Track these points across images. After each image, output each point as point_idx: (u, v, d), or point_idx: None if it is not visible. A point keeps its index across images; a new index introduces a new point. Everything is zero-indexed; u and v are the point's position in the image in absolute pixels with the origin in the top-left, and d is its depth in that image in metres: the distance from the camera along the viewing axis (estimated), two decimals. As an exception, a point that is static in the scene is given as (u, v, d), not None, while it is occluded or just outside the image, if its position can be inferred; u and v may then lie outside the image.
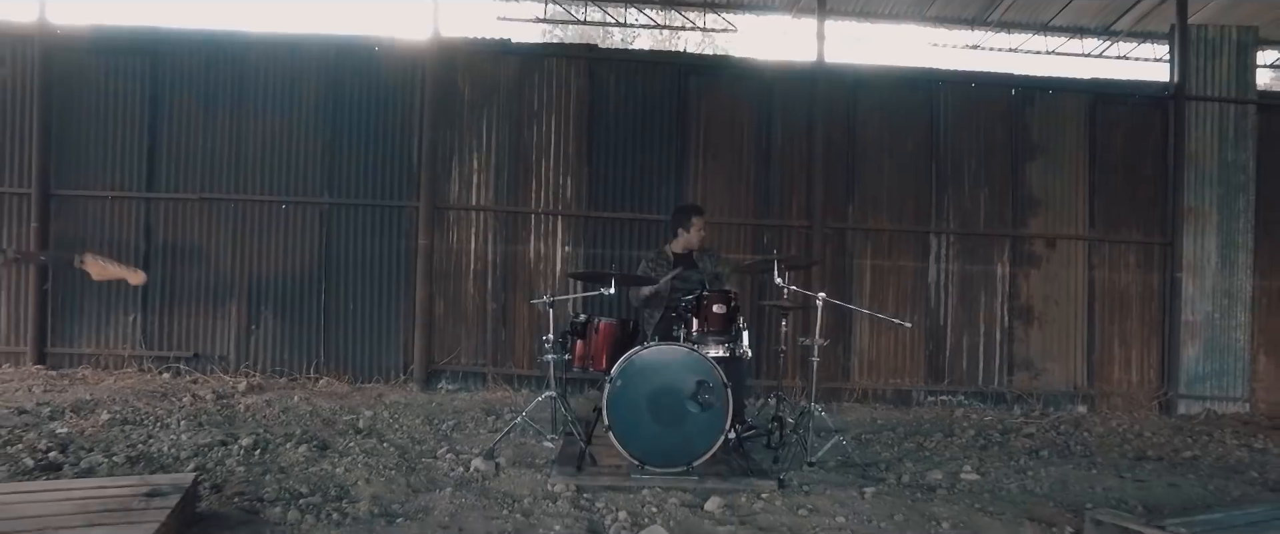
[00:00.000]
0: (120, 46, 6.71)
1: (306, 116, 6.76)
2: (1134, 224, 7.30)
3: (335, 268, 6.74)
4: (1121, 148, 7.32)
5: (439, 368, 6.70)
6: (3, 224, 6.61)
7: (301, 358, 6.70)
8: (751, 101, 7.04)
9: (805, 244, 6.89)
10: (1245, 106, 7.30)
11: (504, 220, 6.83)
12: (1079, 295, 7.26)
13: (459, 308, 6.79)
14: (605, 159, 6.90)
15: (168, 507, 2.49)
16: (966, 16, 8.38)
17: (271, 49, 6.78)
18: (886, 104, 7.14)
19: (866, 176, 7.10)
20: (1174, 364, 7.19)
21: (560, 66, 6.95)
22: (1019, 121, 7.26)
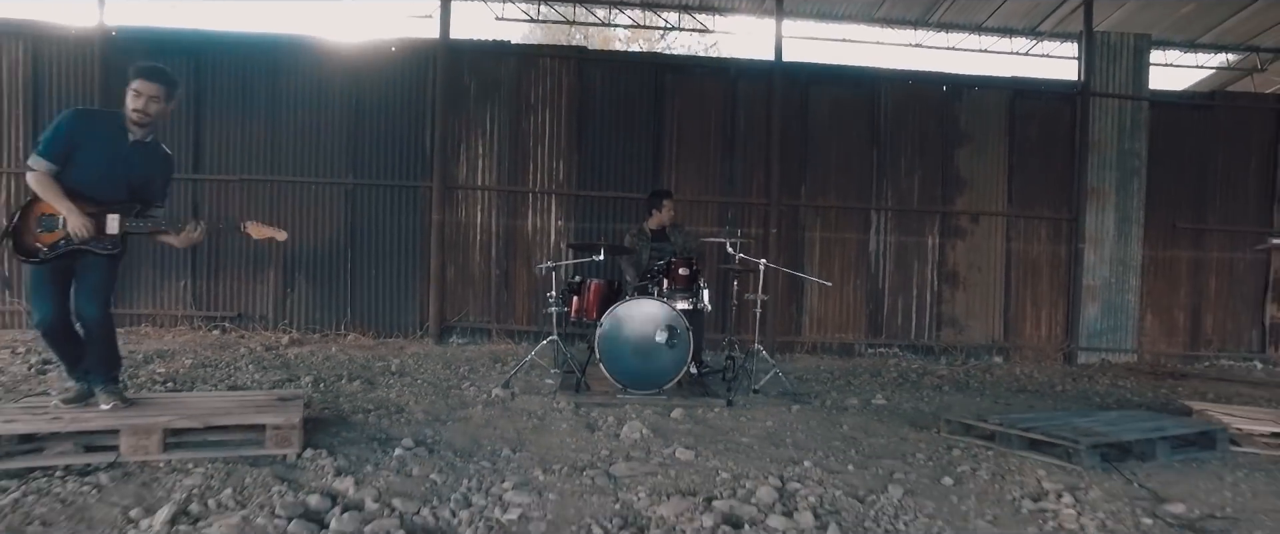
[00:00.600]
0: (167, 47, 7.66)
1: (332, 108, 7.78)
2: (1045, 202, 8.53)
3: (359, 239, 7.83)
4: (1036, 137, 8.51)
5: (450, 324, 7.84)
6: (68, 201, 7.62)
7: (331, 317, 7.80)
8: (718, 95, 8.16)
9: (763, 219, 8.06)
10: (1140, 102, 8.50)
11: (505, 198, 7.93)
12: (997, 263, 8.49)
13: (467, 273, 7.91)
14: (592, 145, 8.01)
15: (299, 403, 3.63)
16: (910, 18, 9.51)
17: (300, 50, 7.79)
18: (835, 98, 8.28)
19: (817, 161, 8.25)
20: (1076, 321, 8.47)
21: (554, 65, 8.02)
22: (949, 113, 8.42)
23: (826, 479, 3.28)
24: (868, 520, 2.78)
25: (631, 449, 3.69)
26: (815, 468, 3.45)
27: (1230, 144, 8.68)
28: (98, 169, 3.34)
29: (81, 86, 7.55)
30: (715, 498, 2.93)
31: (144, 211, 3.52)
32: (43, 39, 7.51)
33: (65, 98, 7.52)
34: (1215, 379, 7.49)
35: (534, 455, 3.51)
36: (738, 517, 2.73)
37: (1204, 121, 8.69)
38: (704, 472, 3.32)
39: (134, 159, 3.44)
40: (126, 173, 3.42)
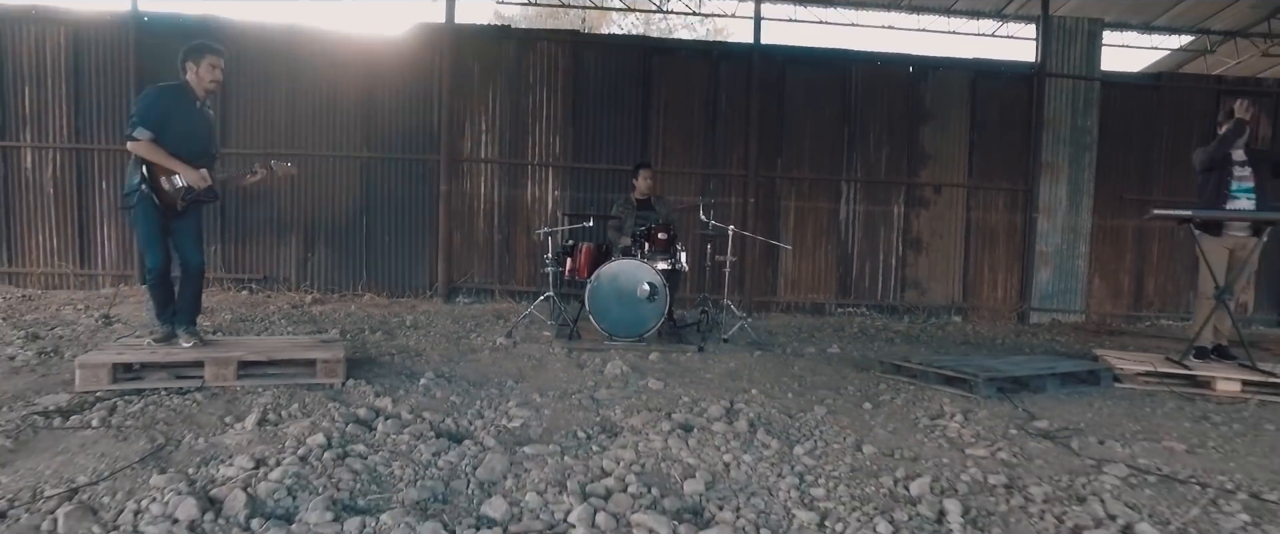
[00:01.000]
0: (194, 32, 8.31)
1: (347, 89, 8.49)
2: (1003, 175, 9.27)
3: (374, 207, 8.59)
4: (996, 114, 9.23)
5: (457, 285, 8.64)
6: (107, 174, 8.36)
7: (348, 278, 8.59)
8: (702, 75, 8.86)
9: (743, 189, 8.81)
10: (1092, 82, 9.21)
11: (507, 170, 8.68)
12: (958, 230, 9.27)
13: (472, 239, 8.69)
14: (586, 121, 8.74)
15: (340, 344, 4.43)
16: (882, 1, 10.17)
17: (317, 37, 8.47)
18: (809, 78, 8.98)
19: (792, 136, 8.97)
20: (1030, 284, 9.27)
21: (551, 48, 8.72)
22: (915, 92, 9.14)
23: (767, 402, 4.09)
24: (791, 429, 3.59)
25: (612, 381, 4.50)
26: (760, 395, 4.26)
27: (1174, 121, 9.40)
28: (184, 133, 4.11)
29: (118, 67, 8.24)
30: (674, 413, 3.74)
31: (212, 165, 4.32)
32: (82, 24, 8.19)
33: (103, 78, 8.23)
34: (1150, 336, 8.30)
35: (532, 385, 4.31)
36: (690, 424, 3.54)
37: (1150, 100, 9.41)
38: (669, 397, 4.13)
39: (204, 121, 4.23)
40: (203, 133, 4.21)
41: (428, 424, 3.37)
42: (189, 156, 4.11)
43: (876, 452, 3.24)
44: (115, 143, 8.27)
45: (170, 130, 4.07)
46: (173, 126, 4.08)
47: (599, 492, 2.62)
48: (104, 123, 8.27)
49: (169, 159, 4.04)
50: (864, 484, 2.81)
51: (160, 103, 4.09)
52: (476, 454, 2.97)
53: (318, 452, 2.87)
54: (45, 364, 4.41)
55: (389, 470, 2.75)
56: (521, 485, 2.69)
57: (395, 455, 2.91)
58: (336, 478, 2.62)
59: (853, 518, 2.48)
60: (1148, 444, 3.55)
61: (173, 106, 4.12)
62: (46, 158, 8.24)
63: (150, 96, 4.13)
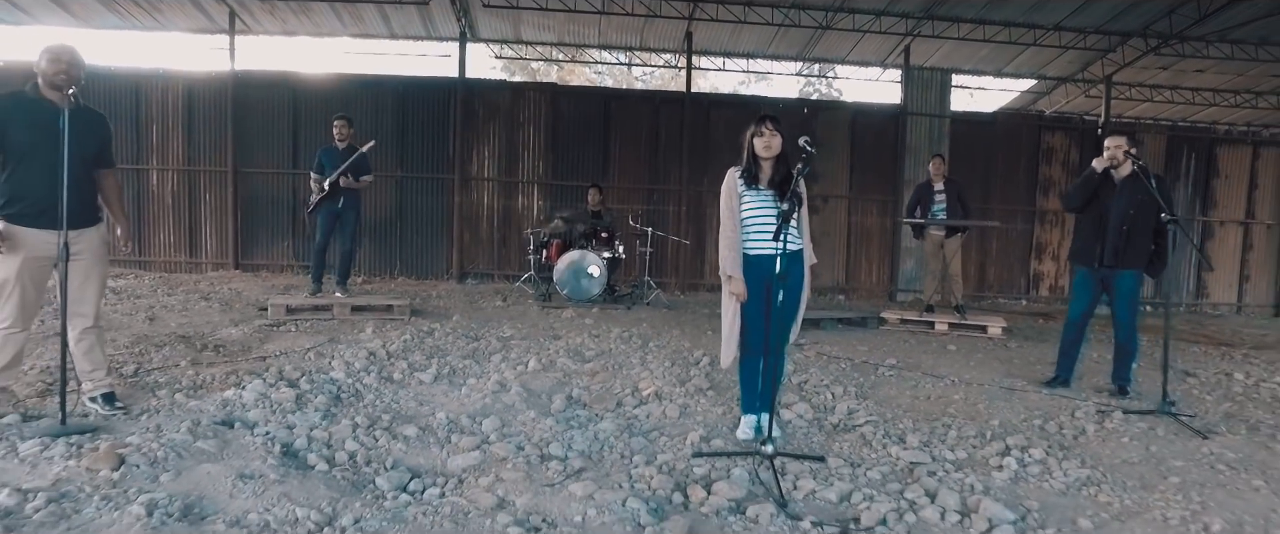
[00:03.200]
0: (274, 84, 11.41)
1: (386, 123, 11.53)
2: (875, 189, 12.33)
3: (405, 214, 11.64)
4: (870, 142, 12.29)
5: (467, 271, 11.70)
6: (210, 189, 11.42)
7: (386, 266, 11.64)
8: (647, 115, 11.92)
9: (677, 200, 11.87)
10: (944, 119, 12.27)
11: (503, 186, 11.74)
12: (842, 230, 12.33)
13: (478, 236, 11.75)
14: (562, 150, 11.79)
15: (405, 301, 7.50)
16: (791, 54, 13.23)
17: (364, 83, 11.53)
18: (728, 116, 12.03)
19: (715, 161, 12.01)
20: (896, 272, 12.33)
21: (536, 95, 11.79)
22: (809, 127, 12.12)
23: (650, 332, 7.15)
24: (652, 339, 6.64)
25: (567, 323, 7.56)
26: (648, 327, 7.33)
27: (1007, 149, 12.47)
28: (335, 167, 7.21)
29: (218, 113, 11.28)
30: (594, 332, 6.81)
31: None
32: (195, 80, 11.25)
33: (208, 119, 11.27)
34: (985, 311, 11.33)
35: (518, 322, 7.38)
36: (604, 338, 6.59)
37: (989, 133, 12.48)
38: (598, 329, 7.18)
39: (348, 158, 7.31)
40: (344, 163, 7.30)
41: (460, 334, 6.43)
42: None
43: (693, 346, 6.30)
44: (217, 164, 11.31)
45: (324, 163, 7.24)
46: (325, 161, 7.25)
47: (546, 357, 5.69)
48: (208, 152, 11.31)
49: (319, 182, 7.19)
50: (681, 360, 5.86)
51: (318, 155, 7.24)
52: (486, 345, 6.04)
53: (406, 341, 5.94)
54: (229, 308, 7.47)
55: (443, 349, 5.82)
56: (507, 356, 5.74)
57: (445, 345, 5.98)
58: (419, 349, 5.69)
59: (669, 375, 5.53)
60: (875, 351, 6.63)
61: (327, 154, 7.26)
62: (167, 178, 11.29)
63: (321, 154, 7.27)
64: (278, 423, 3.79)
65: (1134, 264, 4.83)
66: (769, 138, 3.83)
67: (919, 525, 2.88)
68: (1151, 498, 3.17)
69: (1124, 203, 4.75)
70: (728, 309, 3.82)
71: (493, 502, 2.92)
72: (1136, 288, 4.91)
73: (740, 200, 3.82)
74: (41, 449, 3.20)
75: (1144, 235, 4.78)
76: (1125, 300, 4.87)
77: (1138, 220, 4.74)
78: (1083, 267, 5.04)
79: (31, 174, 3.56)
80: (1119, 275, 4.84)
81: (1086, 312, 5.10)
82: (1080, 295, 5.08)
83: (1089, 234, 4.93)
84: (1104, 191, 4.86)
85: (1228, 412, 4.78)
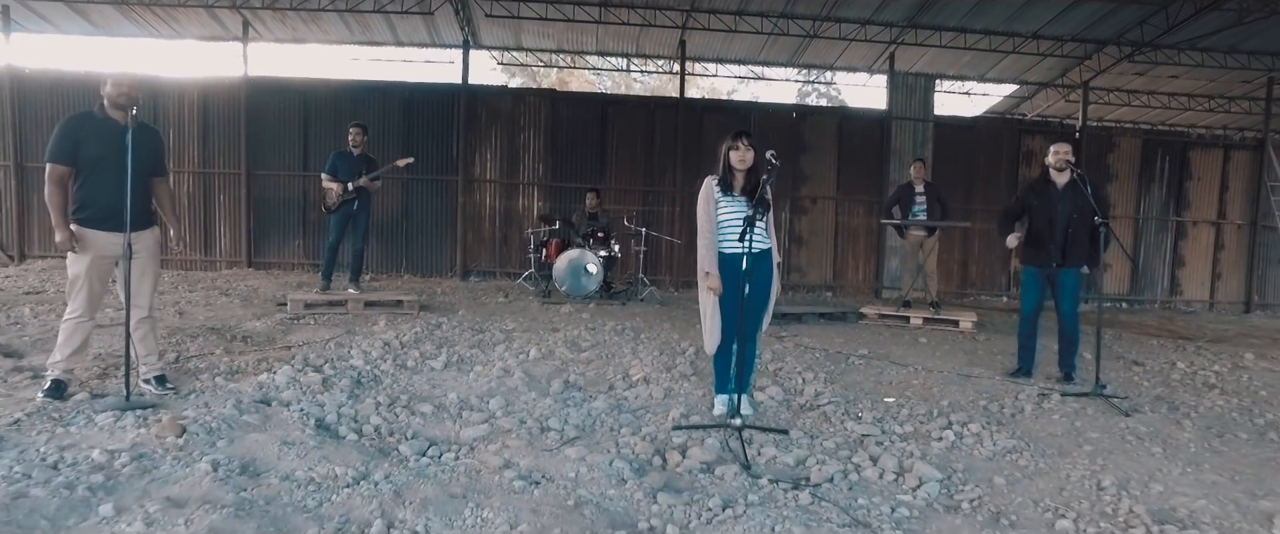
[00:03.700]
0: (285, 89, 11.94)
1: (393, 127, 12.06)
2: (861, 189, 12.86)
3: (412, 213, 12.17)
4: (856, 146, 12.82)
5: (470, 269, 12.23)
6: (224, 191, 11.95)
7: (393, 264, 12.18)
8: (642, 120, 12.45)
9: (671, 201, 12.41)
10: (927, 123, 12.80)
11: (504, 188, 12.27)
12: (829, 230, 12.86)
13: (480, 235, 12.28)
14: (561, 153, 12.32)
15: (415, 297, 8.04)
16: (782, 60, 13.76)
17: (372, 88, 12.06)
18: (720, 121, 12.55)
19: (707, 162, 12.51)
20: (882, 270, 12.86)
21: (536, 101, 12.32)
22: (797, 131, 12.72)
23: (642, 325, 7.68)
24: (644, 332, 7.17)
25: (565, 317, 8.09)
26: (640, 321, 7.86)
27: (988, 152, 13.00)
28: (347, 172, 7.72)
29: (231, 118, 11.81)
30: (590, 325, 7.34)
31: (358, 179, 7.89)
32: (208, 86, 11.77)
33: (223, 124, 11.79)
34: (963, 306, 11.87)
35: (520, 318, 7.91)
36: (599, 330, 7.12)
37: (970, 136, 13.02)
38: (594, 323, 7.71)
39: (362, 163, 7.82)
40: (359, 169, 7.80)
41: (466, 327, 6.97)
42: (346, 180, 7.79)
43: (681, 338, 6.83)
44: (230, 166, 11.84)
45: (338, 168, 7.74)
46: (340, 166, 7.75)
47: (545, 347, 6.22)
48: (222, 155, 11.84)
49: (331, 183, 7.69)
50: (669, 350, 6.39)
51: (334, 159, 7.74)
52: (490, 336, 6.58)
53: (417, 333, 6.47)
54: (249, 304, 8.00)
55: (451, 340, 6.36)
56: (510, 346, 6.27)
57: (453, 337, 6.52)
58: (429, 340, 6.23)
59: (657, 362, 6.07)
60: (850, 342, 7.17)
61: (340, 157, 7.78)
62: (183, 180, 11.81)
63: (333, 158, 7.77)
64: (309, 402, 4.32)
65: (1076, 262, 5.37)
66: (744, 152, 4.36)
67: (860, 483, 3.42)
68: (1062, 462, 3.71)
69: (1067, 208, 5.30)
70: (706, 303, 4.35)
71: (500, 463, 3.45)
72: (1079, 284, 5.45)
73: (716, 206, 4.34)
74: (114, 420, 3.74)
75: (1083, 236, 5.31)
76: (1069, 295, 5.41)
77: (1078, 223, 5.28)
78: (1033, 267, 5.58)
79: (100, 184, 4.10)
80: (1063, 273, 5.38)
81: (1038, 307, 5.64)
82: (1031, 293, 5.62)
83: (1038, 238, 5.47)
84: (1046, 199, 5.40)
85: (1158, 395, 5.32)
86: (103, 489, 2.92)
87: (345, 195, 7.92)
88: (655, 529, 2.81)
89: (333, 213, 8.10)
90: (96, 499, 2.82)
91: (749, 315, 4.17)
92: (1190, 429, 4.34)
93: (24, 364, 4.85)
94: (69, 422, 3.72)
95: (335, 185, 7.94)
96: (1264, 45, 12.23)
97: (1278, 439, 4.25)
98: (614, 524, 2.81)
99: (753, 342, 4.42)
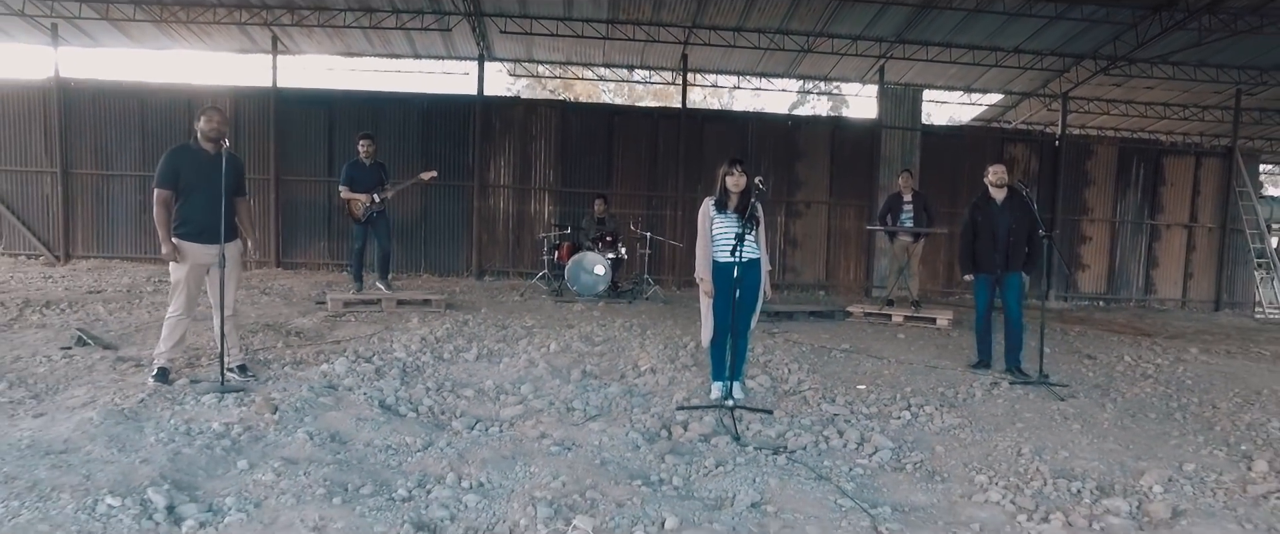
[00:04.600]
0: (311, 99, 12.74)
1: (412, 135, 12.86)
2: (853, 194, 13.65)
3: (430, 216, 12.98)
4: (848, 153, 13.61)
5: (485, 269, 13.04)
6: (254, 195, 12.72)
7: (412, 264, 12.98)
8: (647, 129, 13.25)
9: (674, 205, 13.20)
10: (915, 132, 13.58)
11: (517, 193, 13.08)
12: (822, 233, 13.66)
13: (495, 237, 13.09)
14: (570, 160, 13.12)
15: (443, 296, 8.85)
16: (779, 72, 14.55)
17: (393, 99, 12.86)
18: (720, 130, 13.36)
19: (707, 169, 13.29)
20: (872, 270, 13.66)
21: (547, 111, 13.12)
22: (792, 139, 13.51)
23: (647, 322, 8.48)
24: (650, 328, 7.98)
25: (578, 314, 8.89)
26: (646, 318, 8.67)
27: (973, 159, 13.76)
28: (363, 180, 8.50)
29: (262, 126, 12.62)
30: (601, 322, 8.15)
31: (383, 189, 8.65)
32: (240, 94, 12.58)
33: (254, 132, 12.60)
34: (947, 304, 12.67)
35: (537, 315, 8.72)
36: (609, 326, 7.93)
37: (956, 144, 13.80)
38: (604, 319, 8.52)
39: (376, 171, 8.60)
40: (374, 178, 8.58)
41: (490, 324, 7.77)
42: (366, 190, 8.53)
43: (683, 333, 7.64)
44: (261, 173, 12.64)
45: (355, 179, 8.50)
46: (357, 177, 8.51)
47: (563, 341, 7.03)
48: (252, 161, 12.62)
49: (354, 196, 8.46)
50: (672, 343, 7.19)
51: (350, 170, 8.51)
52: (513, 332, 7.38)
53: (448, 329, 7.27)
54: (290, 302, 8.80)
55: (479, 336, 7.16)
56: (532, 340, 7.07)
57: (480, 332, 7.33)
58: (460, 335, 7.04)
59: (662, 355, 6.87)
60: (835, 338, 7.98)
61: (357, 169, 8.55)
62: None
63: (348, 167, 8.54)
64: (369, 387, 5.13)
65: (1018, 267, 6.18)
66: (738, 177, 5.14)
67: (828, 450, 4.24)
68: (995, 436, 4.52)
69: (1008, 220, 6.12)
70: (704, 303, 5.15)
71: (537, 434, 4.27)
72: (1021, 286, 6.27)
73: (712, 223, 5.14)
74: (217, 400, 4.56)
75: (1023, 244, 6.13)
76: (1014, 296, 6.22)
77: (1018, 233, 6.10)
78: (982, 273, 6.39)
79: (197, 204, 4.91)
80: (1008, 277, 6.20)
81: (989, 306, 6.45)
82: (982, 295, 6.43)
83: (985, 248, 6.29)
84: (988, 215, 6.22)
85: (1096, 383, 6.12)
86: (233, 450, 3.74)
87: (372, 206, 8.64)
88: (664, 480, 3.63)
89: (358, 222, 8.78)
90: (231, 457, 3.64)
91: (740, 314, 4.97)
92: (1110, 411, 5.15)
93: (123, 355, 5.66)
94: (180, 401, 4.53)
95: (360, 196, 8.62)
96: (1230, 60, 13.00)
97: (1181, 420, 5.06)
98: (632, 476, 3.63)
99: (744, 336, 5.22)
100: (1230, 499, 3.55)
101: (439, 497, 3.29)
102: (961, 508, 3.46)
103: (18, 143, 12.35)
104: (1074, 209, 13.99)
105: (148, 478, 3.25)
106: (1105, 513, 3.36)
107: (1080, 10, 11.32)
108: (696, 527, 3.03)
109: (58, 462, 3.37)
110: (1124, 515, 3.34)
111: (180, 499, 3.10)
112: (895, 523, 3.21)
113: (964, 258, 6.61)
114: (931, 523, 3.26)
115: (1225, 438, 4.63)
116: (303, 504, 3.13)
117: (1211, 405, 5.48)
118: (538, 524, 3.00)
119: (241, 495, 3.21)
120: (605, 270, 9.91)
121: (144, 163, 12.44)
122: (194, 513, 2.99)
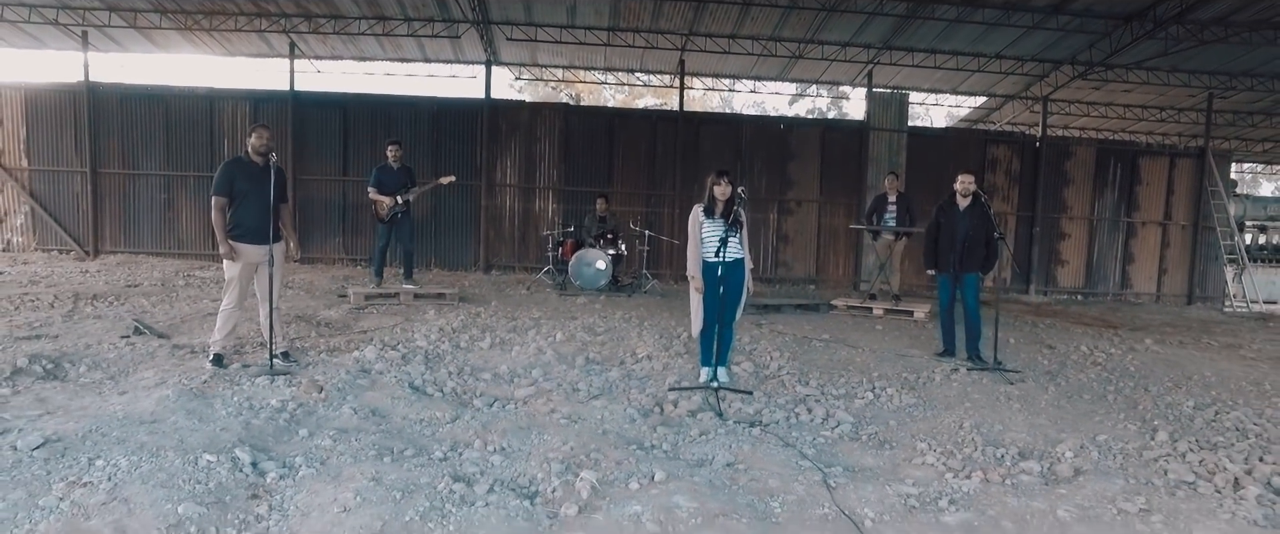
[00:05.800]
0: (327, 103, 13.41)
1: (423, 136, 13.53)
2: (842, 193, 14.33)
3: (440, 214, 13.66)
4: (838, 154, 14.28)
5: (492, 264, 13.74)
6: (273, 192, 13.41)
7: (422, 259, 13.64)
8: (646, 131, 13.92)
9: (671, 204, 13.89)
10: (902, 133, 14.24)
11: (523, 192, 13.76)
12: (812, 230, 14.34)
13: (501, 234, 13.78)
14: (573, 160, 13.80)
15: (455, 289, 9.55)
16: (772, 75, 15.21)
17: (404, 102, 13.53)
18: (716, 132, 14.02)
19: (703, 168, 14.00)
20: (860, 266, 14.34)
21: (551, 113, 13.80)
22: (784, 140, 14.18)
23: (645, 314, 9.17)
24: (648, 319, 8.68)
25: (581, 307, 9.58)
26: (644, 310, 9.36)
27: (957, 160, 14.40)
28: (390, 183, 9.18)
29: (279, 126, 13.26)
30: (603, 314, 8.84)
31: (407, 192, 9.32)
32: (259, 97, 13.25)
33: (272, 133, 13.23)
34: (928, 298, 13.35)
35: (543, 307, 9.41)
36: (610, 318, 8.62)
37: (940, 145, 14.47)
38: (605, 312, 9.20)
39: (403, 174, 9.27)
40: (400, 180, 9.25)
41: (501, 316, 8.47)
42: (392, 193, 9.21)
43: (678, 325, 8.33)
44: (279, 173, 13.30)
45: (383, 183, 9.17)
46: (384, 180, 9.18)
47: (567, 331, 7.72)
48: (273, 161, 13.31)
49: (381, 198, 9.13)
50: (668, 334, 7.89)
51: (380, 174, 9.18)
52: (522, 323, 8.08)
53: (463, 320, 7.97)
54: (314, 295, 9.49)
55: (491, 327, 7.86)
56: (540, 330, 7.76)
57: (492, 324, 8.02)
58: (474, 326, 7.74)
59: (658, 343, 7.57)
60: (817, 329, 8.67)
61: (385, 172, 9.21)
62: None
63: (378, 172, 9.22)
64: (398, 372, 5.83)
65: (975, 268, 6.89)
66: (724, 187, 5.82)
67: (797, 424, 4.94)
68: (944, 413, 5.22)
69: (966, 225, 6.82)
70: (693, 298, 5.85)
71: (548, 410, 4.97)
72: (979, 284, 6.97)
73: (702, 226, 5.82)
74: (269, 382, 5.26)
75: (980, 247, 6.83)
76: (971, 293, 6.92)
77: (975, 238, 6.80)
78: (942, 272, 7.09)
79: (248, 210, 5.61)
80: (965, 276, 6.90)
81: (951, 301, 7.15)
82: (943, 291, 7.14)
83: (944, 249, 7.00)
84: (950, 219, 6.91)
85: (1048, 370, 6.82)
86: (293, 422, 4.45)
87: (397, 208, 9.33)
88: (655, 446, 4.34)
89: (383, 222, 9.49)
90: (292, 427, 4.35)
91: (726, 308, 5.67)
92: (1051, 392, 5.86)
93: (178, 343, 6.36)
94: (237, 383, 5.23)
95: (386, 199, 9.34)
96: (1201, 65, 13.67)
97: (1112, 400, 5.76)
98: (629, 443, 4.33)
99: (729, 327, 5.92)
100: (1127, 462, 4.25)
101: (470, 457, 4.00)
102: (902, 469, 4.16)
103: (50, 143, 13.03)
104: (1054, 207, 14.68)
105: (230, 441, 3.95)
106: (1020, 472, 4.06)
107: (1056, 20, 11.98)
108: (680, 479, 3.73)
109: (153, 429, 4.07)
110: (1035, 475, 4.04)
111: (260, 457, 3.80)
112: (844, 478, 3.92)
113: (928, 255, 7.30)
114: (874, 479, 3.96)
115: (1143, 415, 5.33)
116: (359, 462, 3.83)
117: (1143, 389, 6.18)
118: (552, 477, 3.70)
119: (308, 456, 3.91)
120: (606, 266, 10.60)
121: (167, 162, 13.16)
122: (274, 468, 3.70)
